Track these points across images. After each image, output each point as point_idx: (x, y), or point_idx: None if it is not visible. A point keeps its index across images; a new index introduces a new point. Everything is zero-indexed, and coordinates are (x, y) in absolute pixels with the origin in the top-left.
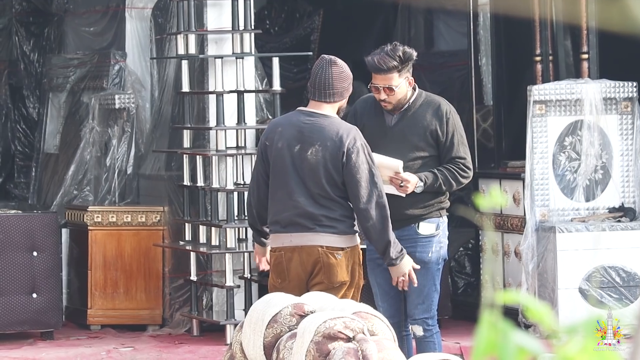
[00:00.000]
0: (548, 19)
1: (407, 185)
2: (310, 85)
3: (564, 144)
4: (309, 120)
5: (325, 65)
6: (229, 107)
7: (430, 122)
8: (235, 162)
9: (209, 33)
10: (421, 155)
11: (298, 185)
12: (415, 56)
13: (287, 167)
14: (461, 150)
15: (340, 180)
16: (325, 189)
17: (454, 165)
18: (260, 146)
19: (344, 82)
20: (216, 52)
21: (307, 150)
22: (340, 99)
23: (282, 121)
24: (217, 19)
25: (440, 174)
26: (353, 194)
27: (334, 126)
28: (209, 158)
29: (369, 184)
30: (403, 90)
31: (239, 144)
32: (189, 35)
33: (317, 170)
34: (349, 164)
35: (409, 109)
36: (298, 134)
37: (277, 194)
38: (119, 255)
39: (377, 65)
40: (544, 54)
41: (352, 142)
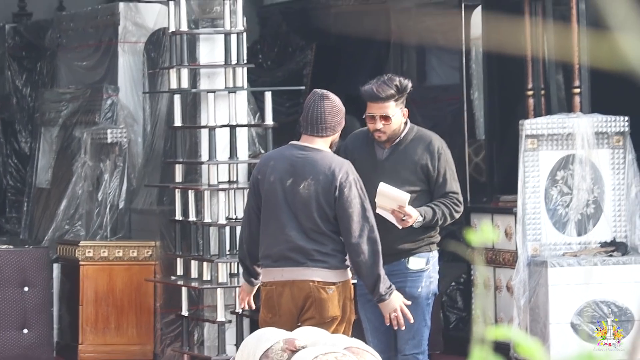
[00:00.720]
0: (540, 53)
1: (408, 220)
2: (302, 119)
3: (555, 179)
4: (302, 154)
5: (317, 100)
6: (221, 141)
7: (422, 157)
8: (227, 197)
9: (201, 67)
10: (413, 190)
11: (290, 219)
12: (410, 87)
13: (279, 200)
14: (454, 186)
15: (332, 214)
16: (317, 223)
17: (447, 199)
18: (253, 180)
19: (336, 116)
20: (209, 86)
21: (300, 184)
22: (332, 133)
23: (275, 155)
24: (210, 53)
25: (438, 208)
26: (345, 228)
27: (326, 160)
28: (201, 192)
29: (361, 218)
30: (398, 121)
31: (231, 178)
32: (182, 69)
33: (309, 204)
34: (341, 199)
35: (400, 143)
36: (290, 168)
37: (269, 228)
38: (111, 290)
39: (374, 93)
40: (536, 89)
41: (345, 176)
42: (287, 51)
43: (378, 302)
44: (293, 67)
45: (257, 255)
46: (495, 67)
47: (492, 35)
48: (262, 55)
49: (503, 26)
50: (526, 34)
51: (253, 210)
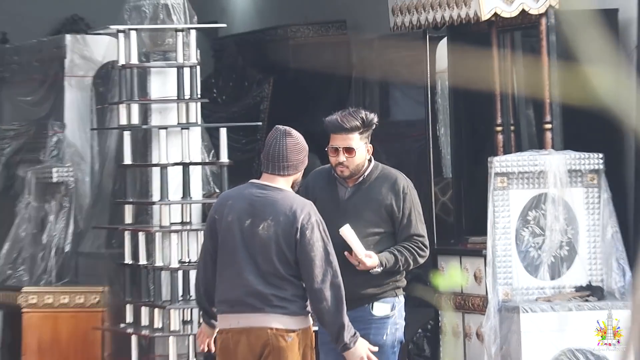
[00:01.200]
0: (509, 87)
1: (361, 268)
2: (263, 156)
3: (527, 219)
4: (261, 193)
5: (279, 137)
6: (174, 180)
7: (386, 196)
8: (180, 239)
9: (153, 102)
10: (376, 231)
11: (247, 262)
12: (376, 122)
13: (237, 242)
14: (419, 228)
15: (292, 258)
16: (276, 266)
17: (412, 243)
18: (209, 220)
19: (299, 154)
20: (160, 122)
21: (259, 225)
22: (294, 172)
23: (233, 194)
24: (162, 87)
25: (400, 254)
26: (306, 273)
27: (287, 200)
28: (152, 234)
29: (323, 262)
30: (362, 155)
31: (184, 219)
32: (132, 104)
33: (269, 247)
34: (302, 241)
35: (364, 181)
36: (249, 208)
37: (225, 272)
38: (55, 339)
39: (338, 124)
40: (505, 124)
41: (307, 217)
42: (243, 85)
43: (342, 351)
44: (249, 102)
45: (213, 299)
46: (462, 101)
47: (459, 68)
48: (217, 90)
49: (470, 59)
50: (494, 67)
51: (209, 253)
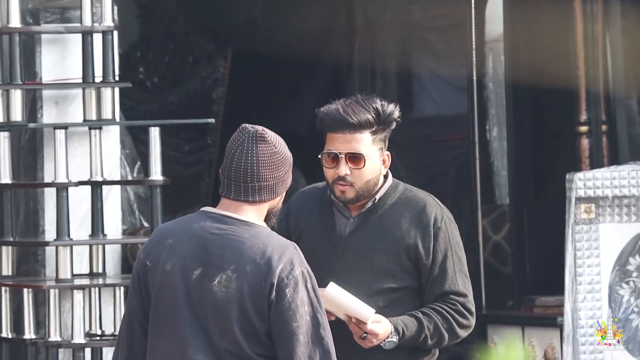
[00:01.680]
0: (600, 65)
1: (372, 340)
2: (222, 173)
3: (627, 269)
4: (220, 229)
5: (247, 142)
6: (78, 208)
7: (408, 232)
8: (87, 300)
9: (44, 88)
10: (391, 287)
11: (195, 334)
12: (397, 116)
13: (179, 304)
14: (459, 282)
15: (264, 329)
16: (238, 342)
17: (447, 305)
18: (137, 268)
19: (277, 169)
20: (57, 118)
21: (213, 278)
22: (270, 196)
23: (175, 229)
24: (59, 64)
25: (428, 320)
26: (285, 353)
27: (259, 241)
28: (44, 292)
29: (310, 339)
30: (374, 168)
31: (94, 269)
32: (12, 90)
33: (227, 312)
34: (280, 305)
35: (375, 209)
36: (200, 251)
37: (161, 349)
38: None
39: (340, 117)
40: (594, 123)
41: (288, 268)
42: (186, 61)
43: None
44: (196, 87)
45: None
46: (526, 86)
47: (521, 37)
48: (145, 69)
49: (537, 20)
50: (577, 32)
51: (136, 318)
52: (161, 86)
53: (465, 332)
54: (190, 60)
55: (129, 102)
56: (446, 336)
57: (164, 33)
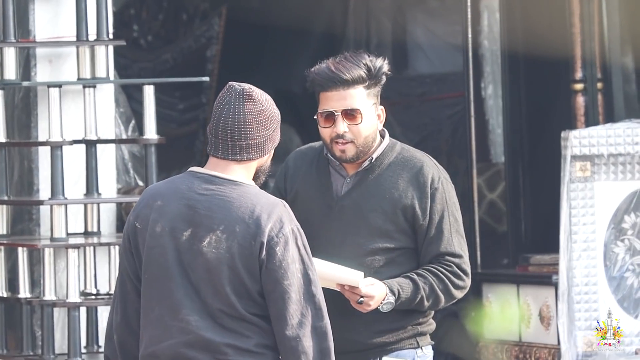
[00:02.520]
0: (595, 19)
1: (369, 303)
2: (210, 132)
3: (622, 227)
4: (208, 189)
5: (234, 100)
6: (73, 167)
7: (405, 192)
8: (82, 259)
9: (38, 45)
10: (387, 247)
11: (188, 295)
12: (386, 70)
13: (170, 266)
14: (455, 243)
15: (256, 288)
16: (231, 302)
17: (443, 266)
18: (127, 230)
19: (265, 127)
20: (50, 76)
21: (203, 239)
22: (258, 154)
23: (164, 190)
24: (52, 21)
25: (423, 281)
26: (277, 311)
27: (247, 200)
28: (39, 251)
29: (302, 296)
30: (371, 123)
31: (89, 228)
32: (6, 48)
33: (219, 272)
34: (270, 263)
35: (372, 168)
36: (189, 212)
37: (154, 311)
38: None
39: (332, 74)
40: (589, 80)
41: (277, 226)
42: (180, 19)
43: None
44: (190, 46)
45: (135, 352)
46: (522, 44)
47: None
48: (139, 26)
49: None
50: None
51: (129, 280)
52: (155, 44)
53: (461, 293)
54: (185, 18)
55: (123, 61)
56: (442, 297)
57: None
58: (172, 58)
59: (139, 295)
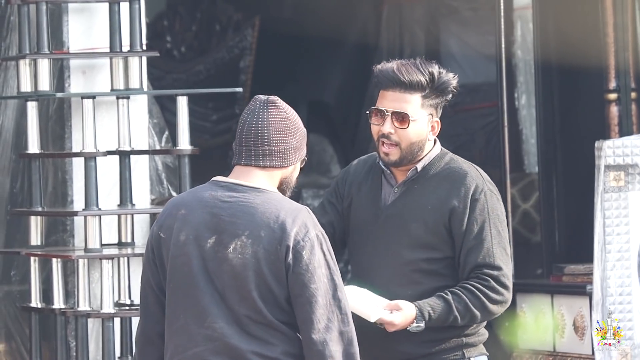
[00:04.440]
0: (630, 31)
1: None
2: (235, 142)
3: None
4: (231, 197)
5: (258, 109)
6: (106, 178)
7: (446, 203)
8: (116, 270)
9: (72, 57)
10: (428, 258)
11: (214, 302)
12: (454, 86)
13: (195, 274)
14: (495, 255)
15: (283, 293)
16: (258, 308)
17: (479, 281)
18: (151, 241)
19: (289, 135)
20: (84, 88)
21: (228, 246)
22: (282, 163)
23: (187, 200)
24: (86, 33)
25: (458, 300)
26: (304, 316)
27: (271, 206)
28: (73, 262)
29: (328, 301)
30: (420, 130)
31: (123, 238)
32: (39, 60)
33: (245, 278)
34: (297, 268)
35: (417, 178)
36: (213, 220)
37: (179, 320)
38: None
39: (392, 74)
40: (623, 89)
41: (302, 231)
42: (214, 30)
43: None
44: (223, 57)
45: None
46: (555, 54)
47: (549, 3)
48: (172, 38)
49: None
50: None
51: (151, 291)
52: (188, 55)
53: (500, 308)
54: (218, 29)
55: (156, 72)
56: (477, 314)
57: (191, 1)
58: (205, 69)
59: (161, 308)
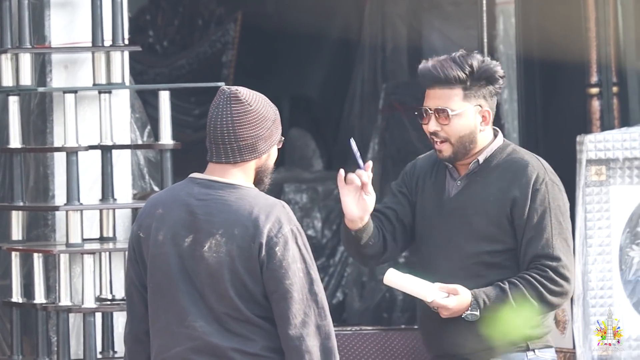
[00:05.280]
0: (611, 24)
1: (443, 312)
2: (207, 139)
3: (637, 231)
4: (207, 194)
5: (222, 104)
6: (88, 172)
7: (507, 193)
8: (98, 265)
9: (54, 51)
10: (490, 250)
11: (193, 301)
12: (500, 74)
13: (174, 273)
14: (555, 246)
15: (259, 290)
16: (235, 305)
17: (537, 272)
18: (132, 240)
19: (256, 126)
20: (66, 82)
21: (204, 244)
22: (253, 155)
23: (165, 198)
24: (68, 27)
25: (515, 289)
26: (280, 311)
27: (245, 203)
28: (54, 257)
29: (304, 295)
30: (466, 124)
31: (105, 233)
32: (21, 54)
33: (221, 276)
34: (271, 264)
35: (479, 171)
36: (189, 219)
37: (161, 320)
38: None
39: (430, 72)
40: (605, 83)
41: (276, 226)
42: (196, 24)
43: None
44: (205, 51)
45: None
46: (537, 48)
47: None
48: (155, 32)
49: None
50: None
51: (135, 290)
52: (171, 50)
53: (560, 299)
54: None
55: (138, 66)
56: (535, 304)
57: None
58: (188, 63)
59: (146, 306)
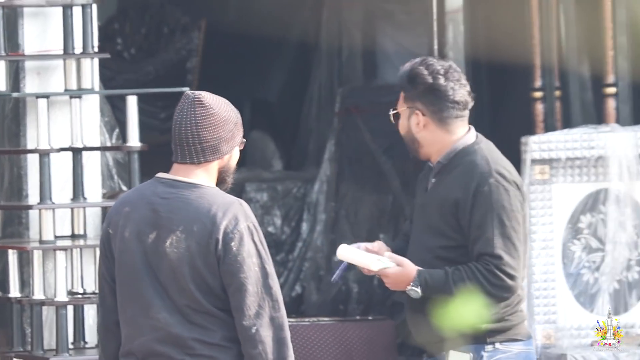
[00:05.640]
0: (554, 33)
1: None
2: (172, 140)
3: (579, 227)
4: (170, 193)
5: (187, 108)
6: (60, 173)
7: (453, 192)
8: (70, 260)
9: (27, 59)
10: (444, 245)
11: (157, 294)
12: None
13: (139, 268)
14: (496, 244)
15: (216, 283)
16: (195, 298)
17: (481, 264)
18: (102, 237)
19: (218, 129)
20: (39, 88)
21: (165, 240)
22: (215, 156)
23: (132, 197)
24: (40, 36)
25: (456, 274)
26: (235, 304)
27: (204, 201)
28: (28, 253)
29: (259, 288)
30: (404, 124)
31: (76, 231)
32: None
33: (182, 271)
34: (227, 259)
35: (440, 171)
36: (152, 216)
37: (127, 312)
38: None
39: None
40: (548, 88)
41: (232, 223)
42: (162, 32)
43: None
44: (171, 58)
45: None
46: (484, 55)
47: (479, 6)
48: (123, 40)
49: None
50: (532, 2)
51: (106, 283)
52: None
53: (502, 292)
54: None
55: (107, 72)
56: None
57: (140, 5)
58: (154, 70)
59: (116, 298)
